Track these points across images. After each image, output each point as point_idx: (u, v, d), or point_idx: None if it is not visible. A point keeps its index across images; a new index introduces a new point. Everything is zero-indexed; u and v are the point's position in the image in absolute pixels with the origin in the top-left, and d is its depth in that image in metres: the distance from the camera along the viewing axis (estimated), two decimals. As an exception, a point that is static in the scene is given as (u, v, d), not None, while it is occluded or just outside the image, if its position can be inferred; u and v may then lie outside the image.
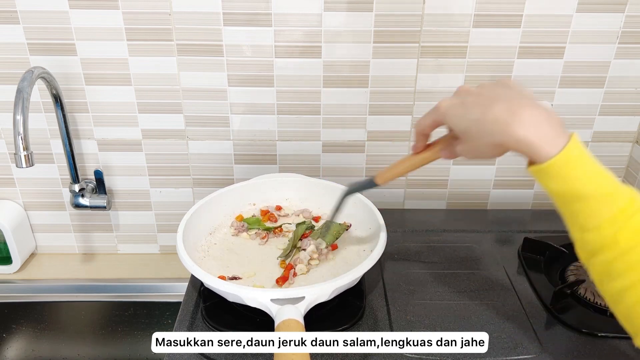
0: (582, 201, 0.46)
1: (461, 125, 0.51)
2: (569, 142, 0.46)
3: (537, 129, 0.46)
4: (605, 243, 0.46)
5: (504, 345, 0.65)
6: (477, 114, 0.49)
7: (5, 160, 0.95)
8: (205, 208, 0.79)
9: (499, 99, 0.49)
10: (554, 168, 0.46)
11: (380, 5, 0.83)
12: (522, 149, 0.47)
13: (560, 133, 0.47)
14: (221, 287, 0.63)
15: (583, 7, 0.84)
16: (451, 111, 0.52)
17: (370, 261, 0.66)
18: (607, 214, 0.46)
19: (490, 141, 0.49)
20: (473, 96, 0.51)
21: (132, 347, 0.98)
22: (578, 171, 0.46)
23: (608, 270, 0.47)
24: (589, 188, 0.46)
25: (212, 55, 0.86)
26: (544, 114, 0.47)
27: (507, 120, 0.47)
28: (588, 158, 0.47)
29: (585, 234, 0.47)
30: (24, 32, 0.84)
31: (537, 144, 0.46)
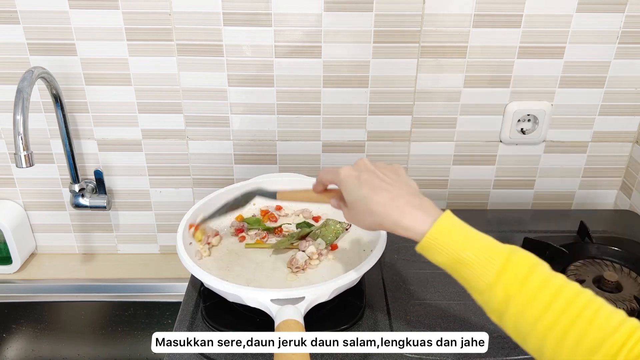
0: (465, 266, 0.50)
1: (351, 197, 0.57)
2: (440, 217, 0.52)
3: (411, 214, 0.53)
4: (503, 301, 0.48)
5: (504, 345, 0.65)
6: (367, 193, 0.55)
7: (5, 160, 0.95)
8: (205, 208, 0.79)
9: (387, 186, 0.56)
10: (430, 241, 0.51)
11: (380, 5, 0.83)
12: (399, 231, 0.53)
13: (433, 214, 0.53)
14: (221, 287, 0.63)
15: (583, 7, 0.84)
16: (347, 181, 0.58)
17: (370, 261, 0.66)
18: (492, 272, 0.49)
19: (371, 219, 0.55)
20: (368, 174, 0.57)
21: (132, 347, 0.98)
22: (452, 240, 0.51)
23: (519, 325, 0.48)
24: (467, 253, 0.50)
25: (212, 55, 0.86)
26: (418, 202, 0.54)
27: (389, 206, 0.54)
28: (460, 227, 0.52)
29: (483, 296, 0.50)
30: (24, 32, 0.84)
31: (411, 225, 0.52)
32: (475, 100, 0.91)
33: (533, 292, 0.47)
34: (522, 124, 0.93)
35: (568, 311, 0.45)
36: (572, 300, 0.45)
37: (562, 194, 1.01)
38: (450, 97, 0.91)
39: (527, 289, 0.47)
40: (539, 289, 0.47)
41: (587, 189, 1.00)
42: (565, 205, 1.02)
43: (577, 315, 0.44)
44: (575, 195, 1.01)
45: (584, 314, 0.44)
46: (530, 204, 1.02)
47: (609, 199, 1.02)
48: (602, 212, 0.98)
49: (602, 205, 1.02)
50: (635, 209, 0.96)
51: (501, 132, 0.94)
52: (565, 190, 1.00)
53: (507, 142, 0.95)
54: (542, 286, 0.47)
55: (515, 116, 0.91)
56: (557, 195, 1.01)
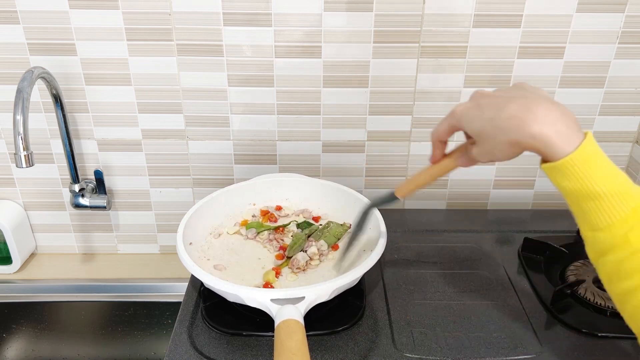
0: (594, 200, 0.46)
1: (476, 125, 0.51)
2: (584, 140, 0.46)
3: (552, 126, 0.46)
4: (616, 243, 0.46)
5: (504, 345, 0.65)
6: (492, 113, 0.49)
7: (5, 160, 0.95)
8: (205, 208, 0.79)
9: (514, 98, 0.49)
10: (568, 166, 0.46)
11: (380, 5, 0.83)
12: (537, 146, 0.47)
13: (576, 130, 0.47)
14: (221, 287, 0.63)
15: (583, 7, 0.84)
16: (467, 113, 0.52)
17: (370, 261, 0.66)
18: (620, 213, 0.46)
19: (505, 139, 0.48)
20: (488, 98, 0.51)
21: (132, 347, 0.98)
22: (592, 170, 0.46)
23: (617, 270, 0.47)
24: (602, 187, 0.46)
25: (212, 55, 0.86)
26: (558, 111, 0.47)
27: (522, 116, 0.47)
28: (602, 157, 0.47)
29: (597, 233, 0.47)
30: (24, 32, 0.84)
31: (552, 140, 0.46)
32: (475, 100, 0.91)
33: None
34: (522, 124, 0.93)
35: None
36: None
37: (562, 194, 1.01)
38: (450, 97, 0.91)
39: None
40: None
41: (587, 189, 1.00)
42: (565, 205, 1.01)
43: None
44: (575, 195, 1.01)
45: None
46: (530, 204, 1.02)
47: (609, 199, 1.02)
48: (602, 212, 0.98)
49: (602, 205, 1.02)
50: (635, 209, 0.96)
51: (501, 132, 0.93)
52: (565, 190, 1.00)
53: (507, 142, 0.94)
54: None
55: (515, 116, 0.91)
56: (557, 195, 0.99)
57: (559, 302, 0.71)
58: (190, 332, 0.67)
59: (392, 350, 0.64)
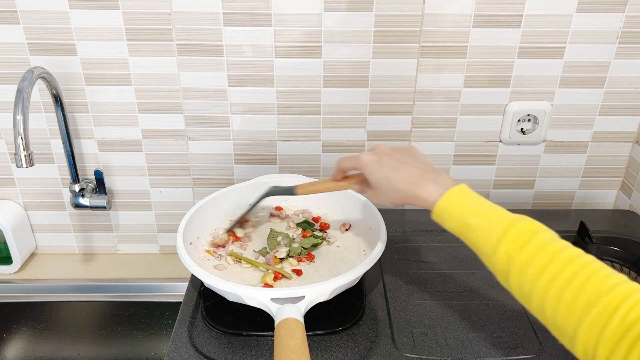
0: (472, 231, 0.54)
1: (375, 178, 0.63)
2: (451, 188, 0.57)
3: (427, 187, 0.59)
4: (506, 263, 0.51)
5: (504, 345, 0.65)
6: (389, 174, 0.61)
7: (5, 160, 0.95)
8: (205, 208, 0.79)
9: (406, 165, 0.62)
10: (441, 208, 0.57)
11: (380, 5, 0.83)
12: (418, 202, 0.59)
13: (447, 186, 0.58)
14: (221, 286, 0.63)
15: (583, 7, 0.84)
16: (370, 165, 0.63)
17: (370, 261, 0.66)
18: (495, 236, 0.52)
19: (395, 195, 0.61)
20: (388, 157, 0.63)
21: (132, 347, 0.98)
22: (460, 207, 0.56)
23: (522, 288, 0.50)
24: (474, 219, 0.54)
25: (212, 55, 0.86)
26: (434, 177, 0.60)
27: (410, 182, 0.60)
28: (470, 197, 0.57)
29: (489, 259, 0.53)
30: (24, 32, 0.84)
31: (427, 196, 0.58)
32: (475, 100, 0.91)
33: (532, 253, 0.49)
34: (522, 124, 0.93)
35: (565, 270, 0.47)
36: (570, 260, 0.48)
37: (562, 194, 1.01)
38: (450, 97, 0.91)
39: (527, 250, 0.50)
40: (539, 250, 0.49)
41: (587, 189, 1.00)
42: (565, 205, 1.02)
43: (574, 274, 0.46)
44: (575, 195, 1.01)
45: (580, 273, 0.46)
46: (530, 204, 1.02)
47: (609, 199, 1.02)
48: (602, 212, 0.98)
49: (602, 205, 1.02)
50: (635, 209, 0.96)
51: (501, 132, 0.94)
52: (565, 190, 1.00)
53: (507, 142, 0.95)
54: (540, 248, 0.49)
55: (515, 116, 0.91)
56: (557, 195, 1.01)
57: (559, 302, 0.71)
58: (190, 332, 0.67)
59: (392, 350, 0.64)
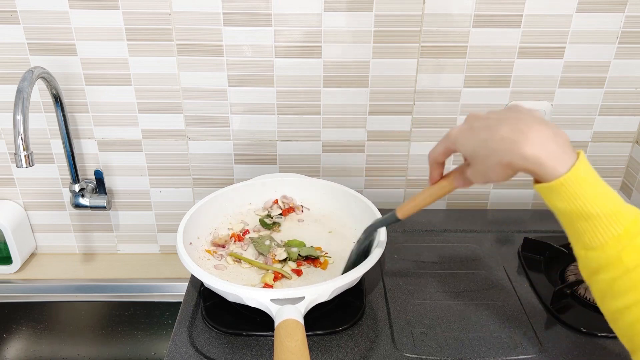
0: (588, 220, 0.46)
1: (470, 147, 0.52)
2: (577, 161, 0.47)
3: (544, 147, 0.47)
4: (609, 261, 0.46)
5: (504, 345, 0.65)
6: (485, 135, 0.50)
7: (5, 160, 0.95)
8: (205, 208, 0.79)
9: (506, 119, 0.49)
10: (562, 187, 0.46)
11: (380, 5, 0.83)
12: (530, 167, 0.47)
13: (568, 151, 0.47)
14: (221, 287, 0.63)
15: (583, 7, 0.84)
16: (461, 136, 0.53)
17: (370, 261, 0.66)
18: (612, 233, 0.46)
19: (498, 161, 0.49)
20: (481, 120, 0.52)
21: (132, 347, 0.98)
22: (585, 190, 0.46)
23: (610, 288, 0.47)
24: (595, 208, 0.46)
25: (212, 55, 0.86)
26: (551, 132, 0.48)
27: (515, 138, 0.47)
28: (595, 177, 0.48)
29: (589, 252, 0.48)
30: (24, 32, 0.84)
31: (545, 162, 0.46)
32: (475, 100, 0.91)
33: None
34: (522, 124, 0.93)
35: None
36: None
37: (562, 194, 1.01)
38: (450, 97, 0.91)
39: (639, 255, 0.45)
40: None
41: (587, 189, 1.00)
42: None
43: None
44: (575, 195, 1.01)
45: None
46: (530, 204, 1.02)
47: (609, 199, 1.02)
48: (602, 212, 0.98)
49: (602, 205, 1.02)
50: (635, 209, 0.96)
51: (501, 132, 0.93)
52: (565, 190, 1.00)
53: (507, 142, 0.94)
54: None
55: (515, 116, 0.91)
56: (557, 195, 1.01)
57: (558, 302, 0.71)
58: (190, 332, 0.67)
59: (392, 350, 0.64)
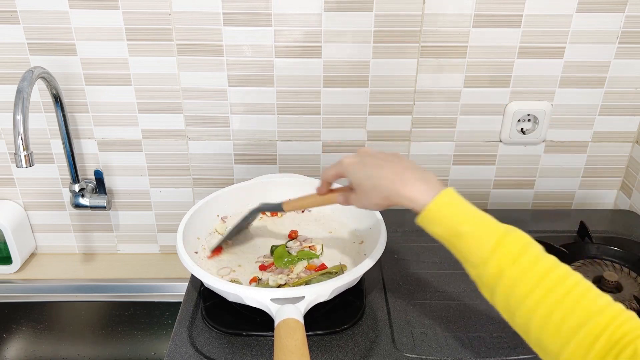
0: (462, 239, 0.52)
1: (357, 178, 0.60)
2: (441, 192, 0.54)
3: (414, 186, 0.55)
4: (496, 275, 0.50)
5: (504, 345, 0.65)
6: (372, 172, 0.59)
7: (5, 160, 0.95)
8: (205, 208, 0.79)
9: (390, 163, 0.59)
10: (430, 213, 0.54)
11: (380, 5, 0.83)
12: (403, 202, 0.56)
13: (436, 187, 0.55)
14: (221, 287, 0.63)
15: (583, 7, 0.84)
16: (351, 167, 0.61)
17: (370, 261, 0.66)
18: (486, 247, 0.51)
19: (378, 194, 0.58)
20: (371, 158, 0.60)
21: (132, 347, 0.98)
22: (452, 213, 0.53)
23: (509, 302, 0.49)
24: (464, 227, 0.52)
25: (212, 55, 0.86)
26: (420, 175, 0.57)
27: (394, 179, 0.57)
28: (460, 203, 0.55)
29: (477, 270, 0.52)
30: (24, 32, 0.84)
31: (415, 196, 0.55)
32: (475, 100, 0.91)
33: (525, 268, 0.49)
34: (522, 124, 0.93)
35: (556, 289, 0.47)
36: (561, 279, 0.48)
37: (562, 194, 1.01)
38: (450, 97, 0.91)
39: (519, 264, 0.49)
40: (531, 266, 0.49)
41: (587, 189, 1.00)
42: (565, 205, 1.02)
43: (565, 294, 0.46)
44: (575, 195, 1.01)
45: (571, 293, 0.46)
46: (530, 204, 1.02)
47: (608, 199, 1.02)
48: (602, 212, 0.98)
49: (602, 205, 1.02)
50: (635, 209, 0.96)
51: (501, 132, 0.94)
52: (565, 190, 1.00)
53: (507, 142, 0.95)
54: (533, 264, 0.49)
55: (515, 116, 0.91)
56: (557, 195, 1.01)
57: (559, 302, 0.70)
58: (190, 332, 0.67)
59: (392, 350, 0.64)
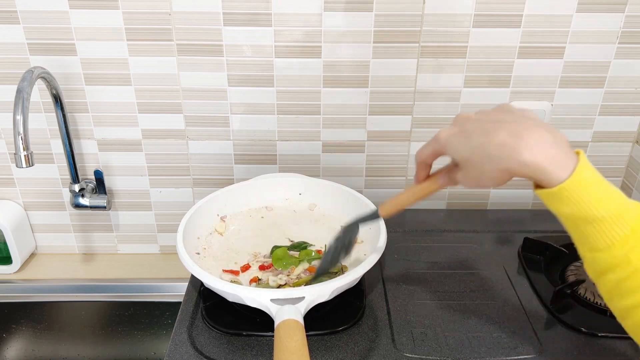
0: (593, 224, 0.45)
1: (463, 153, 0.50)
2: (578, 165, 0.45)
3: (544, 152, 0.45)
4: (616, 262, 0.45)
5: (504, 345, 0.65)
6: (480, 140, 0.47)
7: (5, 160, 0.95)
8: (205, 208, 0.79)
9: (502, 123, 0.47)
10: (565, 192, 0.45)
11: (380, 5, 0.83)
12: (529, 173, 0.46)
13: (568, 153, 0.46)
14: (221, 287, 0.63)
15: (583, 7, 0.84)
16: (452, 140, 0.51)
17: (370, 261, 0.66)
18: (619, 234, 0.45)
19: (494, 167, 0.47)
20: (473, 123, 0.50)
21: (132, 347, 0.98)
22: (589, 194, 0.45)
23: (618, 287, 0.46)
24: (600, 211, 0.45)
25: (212, 55, 0.86)
26: (550, 135, 0.46)
27: (513, 144, 0.45)
28: (597, 178, 0.46)
29: (596, 254, 0.46)
30: (24, 32, 0.84)
31: (546, 168, 0.45)
32: (475, 100, 0.91)
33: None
34: (522, 124, 0.93)
35: None
36: None
37: (562, 194, 1.01)
38: (450, 97, 0.91)
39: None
40: None
41: (587, 189, 1.00)
42: (565, 205, 1.02)
43: None
44: (575, 195, 1.01)
45: None
46: (530, 204, 1.02)
47: (609, 199, 1.02)
48: (602, 212, 0.98)
49: (602, 205, 1.02)
50: (635, 209, 0.96)
51: (501, 132, 0.94)
52: (565, 190, 1.00)
53: (507, 142, 0.94)
54: None
55: (515, 116, 0.91)
56: (557, 195, 1.01)
57: (559, 302, 0.71)
58: (190, 332, 0.67)
59: (392, 350, 0.64)
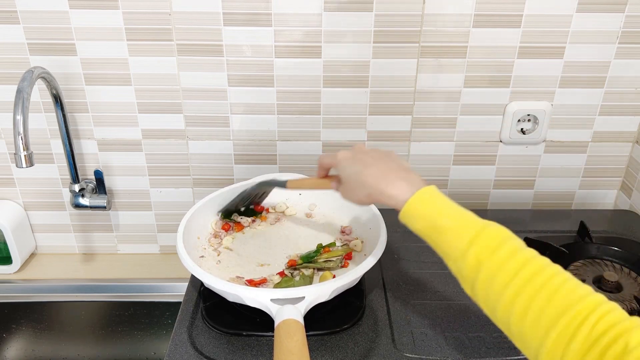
0: (441, 233, 0.54)
1: (345, 173, 0.64)
2: (420, 189, 0.56)
3: (396, 185, 0.58)
4: (474, 269, 0.50)
5: (504, 345, 0.65)
6: (360, 169, 0.61)
7: (5, 160, 0.95)
8: (205, 208, 0.79)
9: (378, 162, 0.61)
10: (410, 208, 0.56)
11: (380, 5, 0.83)
12: (385, 200, 0.58)
13: (417, 185, 0.57)
14: (221, 287, 0.63)
15: (583, 7, 0.84)
16: (342, 161, 0.65)
17: (370, 261, 0.66)
18: (465, 240, 0.52)
19: (362, 191, 0.61)
20: (362, 154, 0.63)
21: (132, 347, 0.98)
22: (430, 208, 0.55)
23: (487, 297, 0.49)
24: (444, 221, 0.54)
25: (212, 55, 0.86)
26: (405, 175, 0.59)
27: (378, 178, 0.60)
28: (440, 199, 0.56)
29: (457, 264, 0.53)
30: (24, 32, 0.84)
31: (396, 194, 0.57)
32: (475, 100, 0.91)
33: (503, 259, 0.49)
34: (522, 124, 0.93)
35: (535, 279, 0.47)
36: (540, 269, 0.47)
37: (562, 194, 1.01)
38: (450, 97, 0.91)
39: (497, 256, 0.49)
40: (509, 257, 0.49)
41: (587, 189, 1.00)
42: (565, 205, 1.02)
43: (543, 284, 0.46)
44: (575, 195, 1.01)
45: (550, 283, 0.46)
46: (530, 204, 1.02)
47: (608, 199, 1.02)
48: (602, 212, 0.98)
49: (602, 205, 1.02)
50: (635, 209, 0.96)
51: (501, 132, 0.94)
52: (565, 190, 1.00)
53: (507, 142, 0.95)
54: (511, 255, 0.49)
55: (515, 116, 0.91)
56: (557, 195, 1.01)
57: (559, 302, 0.70)
58: (190, 332, 0.67)
59: (392, 350, 0.64)
